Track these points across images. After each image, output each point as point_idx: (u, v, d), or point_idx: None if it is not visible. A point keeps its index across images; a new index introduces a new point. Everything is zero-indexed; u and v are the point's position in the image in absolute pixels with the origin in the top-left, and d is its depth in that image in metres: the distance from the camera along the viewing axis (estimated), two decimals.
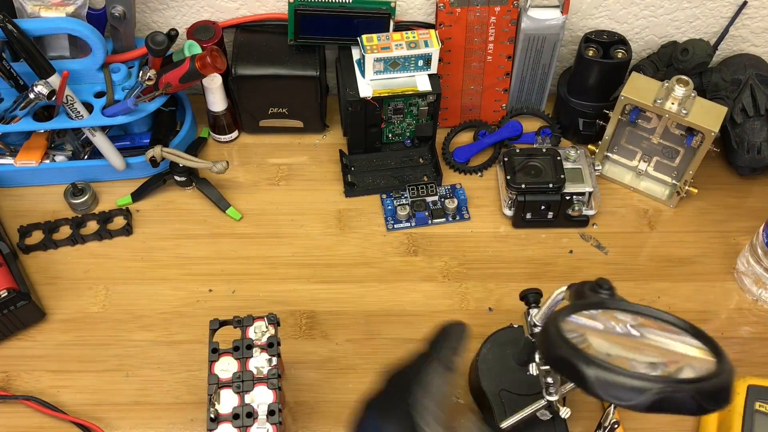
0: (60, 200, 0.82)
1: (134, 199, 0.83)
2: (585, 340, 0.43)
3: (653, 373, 0.39)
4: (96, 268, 0.78)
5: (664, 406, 0.38)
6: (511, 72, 0.87)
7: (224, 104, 0.85)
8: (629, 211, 0.84)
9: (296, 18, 0.80)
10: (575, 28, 0.88)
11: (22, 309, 0.70)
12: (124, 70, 0.80)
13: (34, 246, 0.78)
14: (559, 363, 0.40)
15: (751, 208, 0.84)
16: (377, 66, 0.78)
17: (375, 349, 0.72)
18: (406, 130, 0.86)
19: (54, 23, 0.75)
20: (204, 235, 0.81)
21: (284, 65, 0.82)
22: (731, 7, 0.85)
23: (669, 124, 0.79)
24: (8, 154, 0.83)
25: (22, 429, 0.67)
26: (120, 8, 0.77)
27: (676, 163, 0.82)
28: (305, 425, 0.67)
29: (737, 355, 0.72)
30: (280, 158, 0.88)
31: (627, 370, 0.38)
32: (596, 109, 0.84)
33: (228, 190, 0.84)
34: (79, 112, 0.77)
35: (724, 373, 0.40)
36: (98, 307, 0.75)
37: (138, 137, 0.85)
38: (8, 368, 0.70)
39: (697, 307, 0.75)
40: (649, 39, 0.89)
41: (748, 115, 0.81)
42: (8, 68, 0.76)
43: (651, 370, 0.40)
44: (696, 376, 0.39)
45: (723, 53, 0.89)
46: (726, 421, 0.63)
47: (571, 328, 0.44)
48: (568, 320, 0.44)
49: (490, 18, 0.82)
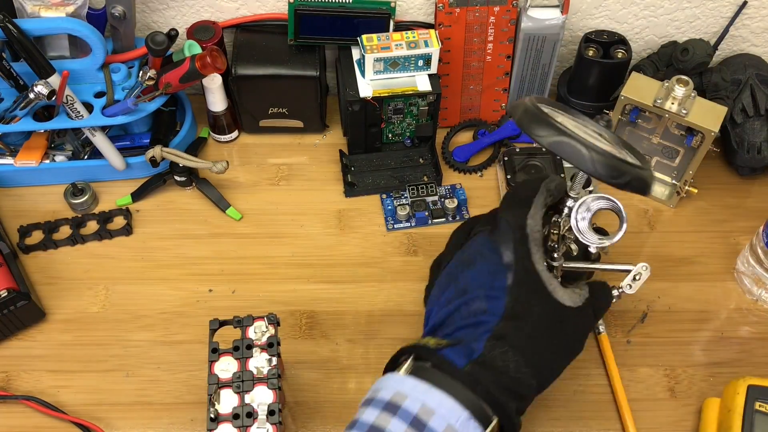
0: (60, 200, 0.82)
1: (134, 199, 0.83)
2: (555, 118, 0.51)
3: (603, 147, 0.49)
4: (96, 268, 0.78)
5: (637, 185, 0.49)
6: (510, 72, 0.87)
7: (224, 104, 0.85)
8: (629, 211, 0.84)
9: (296, 18, 0.80)
10: (575, 27, 0.88)
11: (22, 309, 0.70)
12: (124, 70, 0.80)
13: (34, 246, 0.78)
14: (560, 146, 0.48)
15: (752, 208, 0.84)
16: (377, 66, 0.78)
17: (375, 349, 0.72)
18: (406, 130, 0.86)
19: (54, 23, 0.75)
20: (204, 235, 0.81)
21: (284, 65, 0.82)
22: (731, 7, 0.85)
23: (669, 124, 0.79)
24: (8, 154, 0.83)
25: (22, 429, 0.67)
26: (120, 8, 0.77)
27: (676, 163, 0.82)
28: (305, 425, 0.67)
29: (737, 355, 0.72)
30: (280, 158, 0.88)
31: (618, 155, 0.48)
32: (596, 108, 0.84)
33: (228, 190, 0.84)
34: (79, 112, 0.77)
35: (647, 170, 0.51)
36: (98, 307, 0.75)
37: (138, 137, 0.85)
38: (8, 368, 0.70)
39: (697, 307, 0.75)
40: (649, 39, 0.89)
41: (748, 115, 0.81)
42: (8, 68, 0.76)
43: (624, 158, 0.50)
44: (633, 162, 0.51)
45: (723, 53, 0.89)
46: (726, 420, 0.63)
47: (554, 115, 0.52)
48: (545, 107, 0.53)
49: (489, 18, 0.82)
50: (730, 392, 0.65)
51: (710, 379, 0.70)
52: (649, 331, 0.73)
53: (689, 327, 0.74)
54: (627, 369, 0.70)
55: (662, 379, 0.70)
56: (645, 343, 0.72)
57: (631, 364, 0.71)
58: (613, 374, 0.69)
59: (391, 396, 0.48)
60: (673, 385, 0.70)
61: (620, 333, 0.73)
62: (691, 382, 0.70)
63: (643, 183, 0.50)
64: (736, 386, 0.64)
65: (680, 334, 0.73)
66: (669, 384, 0.70)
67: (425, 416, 0.46)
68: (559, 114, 0.56)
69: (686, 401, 0.69)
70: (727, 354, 0.72)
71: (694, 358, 0.71)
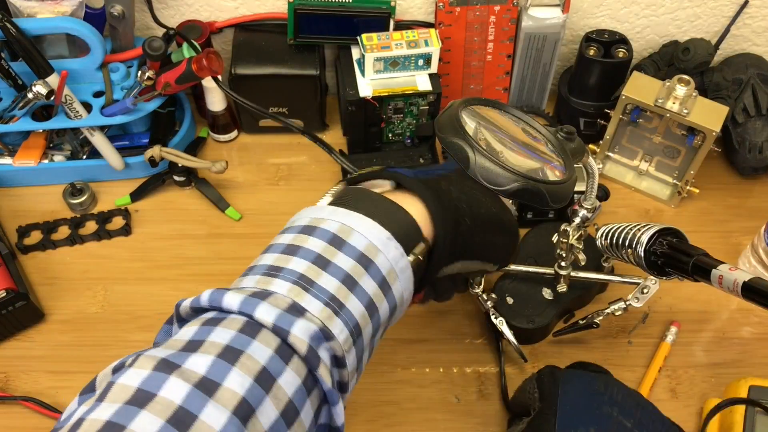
0: (59, 200, 0.82)
1: (133, 199, 0.82)
2: (478, 131, 0.50)
3: (521, 169, 0.47)
4: (95, 269, 0.77)
5: (524, 196, 0.47)
6: (511, 71, 0.87)
7: (223, 104, 0.85)
8: (630, 211, 0.83)
9: (296, 17, 0.80)
10: (576, 27, 0.88)
11: (21, 309, 0.70)
12: (123, 69, 0.80)
13: (32, 246, 0.78)
14: (452, 146, 0.48)
15: (753, 207, 0.84)
16: (377, 65, 0.78)
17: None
18: (406, 130, 0.86)
19: (53, 23, 0.75)
20: (203, 235, 0.80)
21: (284, 65, 0.82)
22: (733, 6, 0.84)
23: (670, 124, 0.78)
24: (7, 153, 0.82)
25: (21, 430, 0.67)
26: (119, 7, 0.77)
27: (678, 163, 0.82)
28: None
29: (738, 355, 0.72)
30: (280, 158, 0.88)
31: (503, 162, 0.47)
32: (597, 108, 0.84)
33: (227, 190, 0.84)
34: (77, 112, 0.77)
35: (569, 182, 0.50)
36: (97, 308, 0.74)
37: (137, 137, 0.85)
38: (7, 369, 0.70)
39: (698, 308, 0.75)
40: (650, 38, 0.89)
41: (749, 115, 0.81)
42: (7, 68, 0.76)
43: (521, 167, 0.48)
44: (550, 179, 0.49)
45: (724, 53, 0.89)
46: (727, 421, 0.63)
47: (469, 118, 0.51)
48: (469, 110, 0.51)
49: (489, 17, 0.81)
50: (732, 393, 0.65)
51: (711, 379, 0.70)
52: (650, 332, 0.73)
53: (690, 327, 0.73)
54: (628, 369, 0.70)
55: (663, 380, 0.70)
56: (646, 343, 0.72)
57: (631, 364, 0.70)
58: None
59: (307, 222, 0.48)
60: (675, 385, 0.69)
61: (622, 334, 0.73)
62: (692, 382, 0.70)
63: (533, 196, 0.48)
64: (737, 387, 0.64)
65: (681, 335, 0.73)
66: (670, 384, 0.70)
67: (344, 234, 0.46)
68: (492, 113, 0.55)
69: (687, 402, 0.68)
70: (728, 354, 0.72)
71: (696, 359, 0.71)
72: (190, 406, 0.36)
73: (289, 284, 0.43)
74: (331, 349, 0.42)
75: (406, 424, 0.67)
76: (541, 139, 0.54)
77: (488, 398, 0.69)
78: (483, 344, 0.72)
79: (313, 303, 0.42)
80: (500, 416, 0.68)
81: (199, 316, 0.43)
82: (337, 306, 0.43)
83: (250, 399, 0.37)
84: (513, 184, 0.47)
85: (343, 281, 0.44)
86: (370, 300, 0.45)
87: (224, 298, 0.42)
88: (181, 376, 0.37)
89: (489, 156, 0.47)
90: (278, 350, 0.40)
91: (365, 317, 0.45)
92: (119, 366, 0.39)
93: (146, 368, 0.37)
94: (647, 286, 0.66)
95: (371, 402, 0.68)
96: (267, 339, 0.40)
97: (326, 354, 0.42)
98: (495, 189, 0.47)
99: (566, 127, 0.54)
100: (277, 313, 0.40)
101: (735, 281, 0.49)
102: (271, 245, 0.48)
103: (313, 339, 0.41)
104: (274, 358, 0.39)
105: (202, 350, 0.38)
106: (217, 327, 0.40)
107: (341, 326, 0.43)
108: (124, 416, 0.35)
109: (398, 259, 0.47)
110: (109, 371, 0.39)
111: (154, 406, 0.35)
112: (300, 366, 0.41)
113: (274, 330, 0.40)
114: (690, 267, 0.54)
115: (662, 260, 0.57)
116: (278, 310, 0.41)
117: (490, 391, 0.69)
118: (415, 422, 0.67)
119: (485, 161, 0.47)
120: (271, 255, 0.46)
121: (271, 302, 0.41)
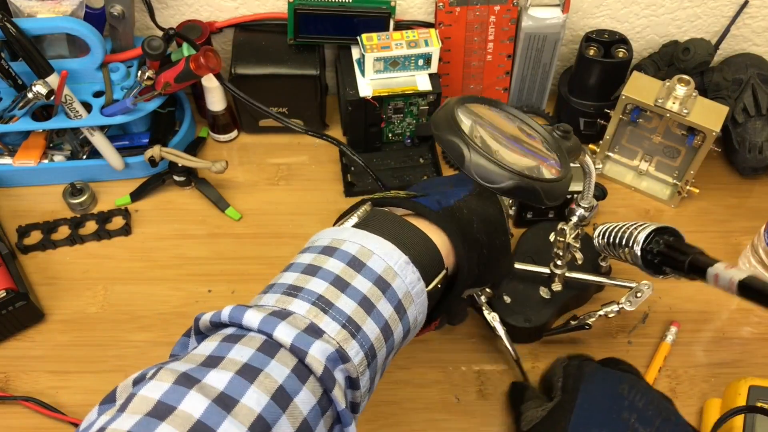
0: (59, 200, 0.82)
1: (133, 199, 0.82)
2: (474, 129, 0.50)
3: (516, 167, 0.47)
4: (95, 269, 0.77)
5: (519, 193, 0.47)
6: (511, 71, 0.87)
7: (223, 104, 0.85)
8: (630, 211, 0.83)
9: (296, 17, 0.80)
10: (576, 27, 0.88)
11: (21, 309, 0.70)
12: (123, 69, 0.80)
13: (32, 246, 0.78)
14: (448, 143, 0.48)
15: (753, 207, 0.84)
16: (377, 65, 0.78)
17: None
18: (406, 130, 0.86)
19: (53, 23, 0.75)
20: (203, 235, 0.80)
21: (284, 65, 0.82)
22: (732, 6, 0.84)
23: (670, 124, 0.78)
24: (7, 153, 0.82)
25: (21, 430, 0.67)
26: (119, 7, 0.77)
27: (678, 163, 0.82)
28: None
29: (738, 355, 0.72)
30: (280, 158, 0.88)
31: (498, 160, 0.47)
32: (597, 108, 0.84)
33: (227, 190, 0.84)
34: (77, 112, 0.77)
35: (564, 180, 0.50)
36: (97, 308, 0.74)
37: (137, 137, 0.85)
38: (7, 369, 0.70)
39: (698, 308, 0.75)
40: (650, 38, 0.89)
41: (749, 115, 0.81)
42: (7, 68, 0.76)
43: (516, 164, 0.48)
44: (546, 177, 0.49)
45: (724, 52, 0.89)
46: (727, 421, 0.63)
47: (464, 116, 0.50)
48: (464, 108, 0.51)
49: (489, 17, 0.81)
50: (732, 393, 0.64)
51: (711, 379, 0.70)
52: (650, 332, 0.73)
53: (690, 327, 0.73)
54: None
55: (664, 380, 0.70)
56: (646, 343, 0.72)
57: (631, 364, 0.70)
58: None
59: (328, 243, 0.48)
60: (675, 385, 0.69)
61: (621, 333, 0.73)
62: (692, 382, 0.70)
63: (528, 193, 0.48)
64: (737, 387, 0.64)
65: (681, 335, 0.73)
66: (670, 384, 0.70)
67: (363, 257, 0.46)
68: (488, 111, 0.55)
69: (688, 402, 0.68)
70: (728, 354, 0.72)
71: (696, 359, 0.71)
72: (209, 421, 0.36)
73: (308, 305, 0.44)
74: (346, 370, 0.43)
75: (406, 424, 0.67)
76: (537, 137, 0.54)
77: (488, 398, 0.69)
78: (483, 344, 0.72)
79: (331, 325, 0.43)
80: (500, 416, 0.67)
81: (219, 331, 0.44)
82: (354, 328, 0.44)
83: (266, 416, 0.38)
84: (508, 181, 0.47)
85: (361, 303, 0.45)
86: (385, 323, 0.45)
87: (245, 315, 0.42)
88: (201, 390, 0.37)
89: (484, 153, 0.47)
90: (295, 370, 0.40)
91: (380, 340, 0.45)
92: (140, 378, 0.39)
93: (167, 381, 0.38)
94: (641, 290, 0.66)
95: (371, 402, 0.68)
96: (285, 359, 0.40)
97: (341, 375, 0.42)
98: (490, 186, 0.47)
99: (562, 126, 0.54)
100: (295, 334, 0.41)
101: (731, 279, 0.49)
102: (292, 264, 0.48)
103: (329, 360, 0.41)
104: (291, 378, 0.40)
105: (222, 366, 0.39)
106: (236, 344, 0.41)
107: (357, 348, 0.43)
108: (145, 427, 0.35)
109: (415, 283, 0.47)
110: (129, 383, 0.40)
111: (173, 419, 0.36)
112: (316, 386, 0.41)
113: (292, 350, 0.41)
114: (686, 265, 0.54)
115: (659, 259, 0.57)
116: (297, 331, 0.41)
117: (490, 391, 0.69)
118: (415, 422, 0.67)
119: (480, 159, 0.47)
120: (292, 274, 0.47)
121: (290, 322, 0.42)
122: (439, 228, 0.51)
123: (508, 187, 0.47)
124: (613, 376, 0.58)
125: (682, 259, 0.54)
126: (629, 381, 0.57)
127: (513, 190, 0.47)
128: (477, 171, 0.47)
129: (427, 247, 0.49)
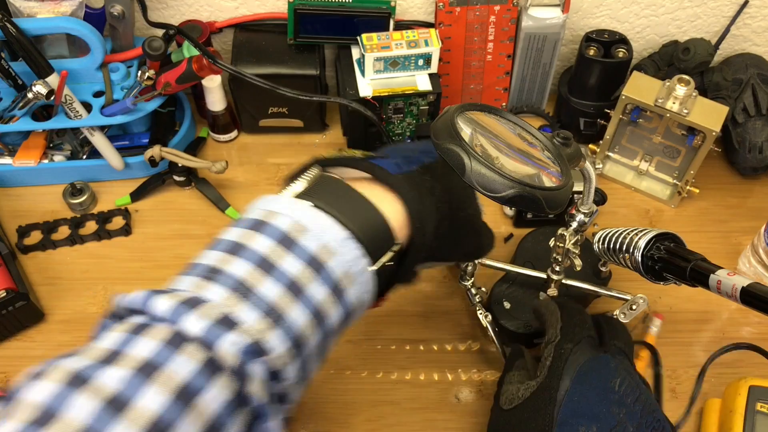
0: (59, 200, 0.82)
1: (133, 199, 0.82)
2: (474, 137, 0.49)
3: (516, 175, 0.46)
4: (95, 269, 0.77)
5: (521, 202, 0.46)
6: (511, 71, 0.87)
7: (223, 104, 0.85)
8: (630, 211, 0.83)
9: (296, 17, 0.80)
10: (576, 27, 0.88)
11: (21, 309, 0.70)
12: (123, 69, 0.80)
13: (32, 246, 0.78)
14: (448, 152, 0.46)
15: (753, 207, 0.84)
16: (377, 65, 0.78)
17: (374, 349, 0.72)
18: (406, 130, 0.86)
19: (53, 23, 0.75)
20: (203, 235, 0.80)
21: (284, 64, 0.82)
22: (733, 6, 0.84)
23: (670, 124, 0.78)
24: (7, 153, 0.82)
25: None
26: (119, 7, 0.77)
27: (678, 163, 0.82)
28: (305, 425, 0.67)
29: (738, 355, 0.71)
30: (280, 158, 0.88)
31: (499, 168, 0.46)
32: (597, 108, 0.84)
33: (227, 190, 0.84)
34: (77, 112, 0.77)
35: (565, 188, 0.48)
36: (97, 308, 0.74)
37: (137, 137, 0.85)
38: (7, 369, 0.70)
39: (698, 308, 0.75)
40: (650, 38, 0.89)
41: (749, 115, 0.81)
42: (7, 68, 0.76)
43: (517, 173, 0.47)
44: (546, 186, 0.48)
45: (724, 52, 0.89)
46: (727, 421, 0.63)
47: (464, 124, 0.49)
48: (464, 116, 0.50)
49: (489, 17, 0.81)
50: (732, 393, 0.64)
51: (712, 379, 0.70)
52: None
53: (690, 327, 0.73)
54: None
55: (664, 380, 0.70)
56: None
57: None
58: None
59: (259, 215, 0.45)
60: (675, 385, 0.69)
61: None
62: (692, 382, 0.70)
63: (529, 202, 0.47)
64: (737, 387, 0.64)
65: (681, 335, 0.73)
66: (670, 385, 0.70)
67: (295, 233, 0.43)
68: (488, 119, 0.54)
69: (688, 402, 0.68)
70: (728, 354, 0.72)
71: (696, 359, 0.71)
72: (97, 425, 0.34)
73: (225, 291, 0.41)
74: (266, 362, 0.40)
75: (406, 424, 0.67)
76: (537, 144, 0.54)
77: (488, 398, 0.69)
78: (483, 344, 0.72)
79: (249, 313, 0.40)
80: None
81: (130, 317, 0.41)
82: (277, 316, 0.41)
83: (166, 416, 0.36)
84: (509, 190, 0.46)
85: (289, 287, 0.42)
86: (317, 308, 0.43)
87: (155, 303, 0.40)
88: (92, 392, 0.35)
89: (485, 162, 0.46)
90: (205, 365, 0.38)
91: (310, 326, 0.43)
92: (37, 373, 0.37)
93: (55, 381, 0.36)
94: (636, 302, 0.66)
95: (371, 402, 0.68)
96: (193, 352, 0.38)
97: (260, 368, 0.40)
98: (491, 195, 0.46)
99: (562, 133, 0.54)
100: (206, 325, 0.39)
101: (734, 286, 0.49)
102: (218, 239, 0.45)
103: (245, 353, 0.39)
104: (199, 373, 0.38)
105: (120, 363, 0.37)
106: (141, 336, 0.39)
107: (281, 338, 0.41)
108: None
109: (356, 261, 0.45)
110: (24, 377, 0.38)
111: (57, 426, 0.34)
112: (228, 381, 0.39)
113: (202, 342, 0.38)
114: (688, 272, 0.54)
115: (660, 265, 0.57)
116: (208, 322, 0.39)
117: (490, 392, 0.69)
118: (415, 422, 0.67)
119: (481, 167, 0.46)
120: (214, 253, 0.44)
121: (202, 312, 0.39)
122: (395, 194, 0.48)
123: (509, 196, 0.46)
124: (607, 369, 0.57)
125: (684, 265, 0.54)
126: (621, 374, 0.56)
127: (514, 199, 0.46)
128: (478, 180, 0.46)
129: (376, 220, 0.46)
